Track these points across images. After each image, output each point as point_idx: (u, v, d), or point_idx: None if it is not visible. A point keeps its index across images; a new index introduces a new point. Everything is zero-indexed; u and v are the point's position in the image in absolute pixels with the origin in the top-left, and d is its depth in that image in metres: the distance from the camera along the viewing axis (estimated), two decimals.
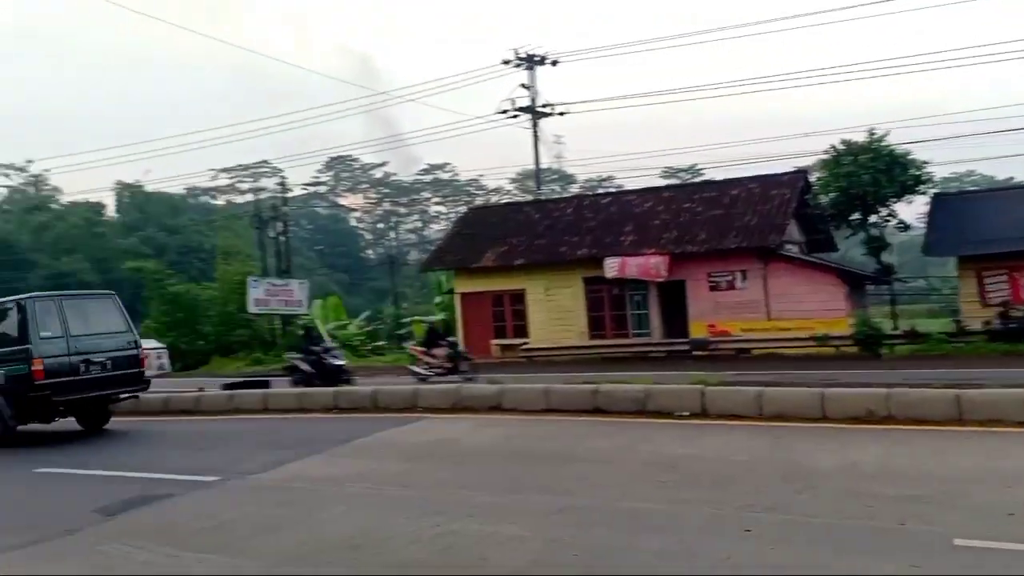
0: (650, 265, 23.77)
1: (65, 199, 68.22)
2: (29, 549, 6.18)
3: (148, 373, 28.08)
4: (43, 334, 11.53)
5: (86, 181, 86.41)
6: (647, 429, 9.93)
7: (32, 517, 7.23)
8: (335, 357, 17.33)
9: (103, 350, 12.16)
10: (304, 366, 17.08)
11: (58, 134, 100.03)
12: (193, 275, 42.27)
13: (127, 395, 12.85)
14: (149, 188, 64.13)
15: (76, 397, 11.90)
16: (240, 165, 77.62)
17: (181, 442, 11.61)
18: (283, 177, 52.44)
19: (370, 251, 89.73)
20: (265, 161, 73.27)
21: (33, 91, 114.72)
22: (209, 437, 11.75)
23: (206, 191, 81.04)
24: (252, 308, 32.02)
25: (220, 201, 79.16)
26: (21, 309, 11.67)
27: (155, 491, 7.89)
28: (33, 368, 11.30)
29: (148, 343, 31.16)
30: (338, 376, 16.45)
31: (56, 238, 58.59)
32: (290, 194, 48.18)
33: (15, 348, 11.53)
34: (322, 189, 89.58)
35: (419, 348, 19.07)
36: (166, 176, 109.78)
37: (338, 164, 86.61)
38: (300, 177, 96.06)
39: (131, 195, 65.89)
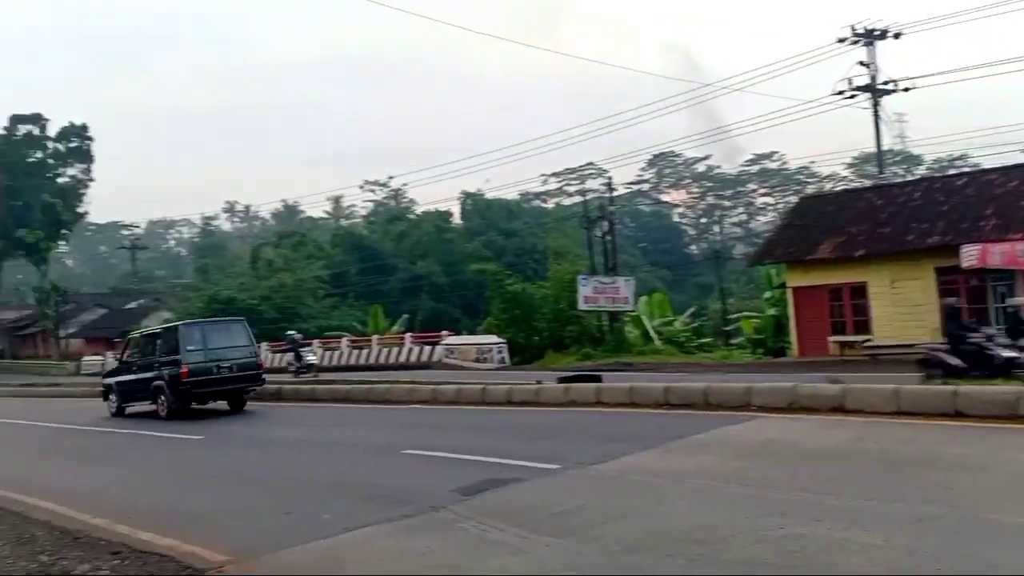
0: (1017, 252, 20.87)
1: (419, 209, 75.92)
2: (403, 522, 6.94)
3: (489, 366, 30.43)
4: (188, 348, 17.43)
5: (436, 192, 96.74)
6: (1021, 436, 8.74)
7: (403, 494, 8.09)
8: (1003, 346, 13.26)
9: (231, 358, 17.88)
10: (951, 359, 13.44)
11: (413, 151, 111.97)
12: (528, 275, 44.77)
13: (251, 389, 18.53)
14: (489, 195, 69.09)
15: (210, 390, 17.93)
16: (567, 169, 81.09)
17: (524, 430, 12.34)
18: (608, 177, 53.70)
19: (693, 247, 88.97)
20: (591, 163, 75.76)
21: (392, 115, 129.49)
22: (549, 427, 12.38)
23: (538, 195, 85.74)
24: (582, 305, 33.32)
25: (550, 204, 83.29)
26: (177, 331, 18.24)
27: (504, 475, 8.48)
28: (180, 370, 17.21)
29: (489, 339, 33.76)
30: (1006, 371, 12.61)
31: (412, 245, 65.26)
32: (615, 193, 49.19)
33: (173, 357, 17.46)
34: (645, 187, 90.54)
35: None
36: (503, 183, 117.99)
37: (660, 161, 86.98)
38: (624, 176, 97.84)
39: (473, 203, 71.47)
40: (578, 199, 71.77)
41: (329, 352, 38.36)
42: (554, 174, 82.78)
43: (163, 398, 17.73)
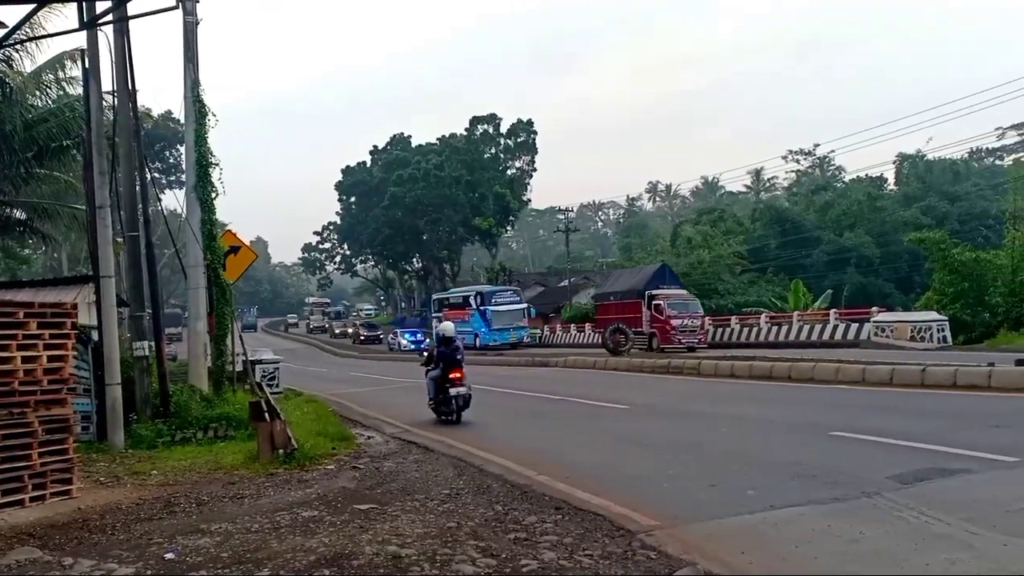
0: None
1: (847, 177, 71.49)
2: (833, 505, 6.65)
3: (927, 346, 27.50)
4: None
5: (867, 158, 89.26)
6: None
7: (832, 476, 7.71)
8: None
9: None
10: None
11: (840, 118, 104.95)
12: (977, 243, 39.63)
13: None
14: (930, 157, 62.73)
15: None
16: None
17: (973, 417, 11.11)
18: None
19: None
20: None
21: (820, 83, 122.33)
22: (1004, 415, 10.93)
23: (991, 152, 75.39)
24: None
25: (1008, 161, 72.68)
26: None
27: (948, 465, 7.74)
28: None
29: (927, 315, 30.29)
30: None
31: (839, 215, 61.71)
32: None
33: None
34: None
35: None
36: (947, 143, 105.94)
37: None
38: None
39: (911, 166, 65.45)
40: None
41: (746, 328, 38.17)
42: (1015, 127, 71.58)
43: None
